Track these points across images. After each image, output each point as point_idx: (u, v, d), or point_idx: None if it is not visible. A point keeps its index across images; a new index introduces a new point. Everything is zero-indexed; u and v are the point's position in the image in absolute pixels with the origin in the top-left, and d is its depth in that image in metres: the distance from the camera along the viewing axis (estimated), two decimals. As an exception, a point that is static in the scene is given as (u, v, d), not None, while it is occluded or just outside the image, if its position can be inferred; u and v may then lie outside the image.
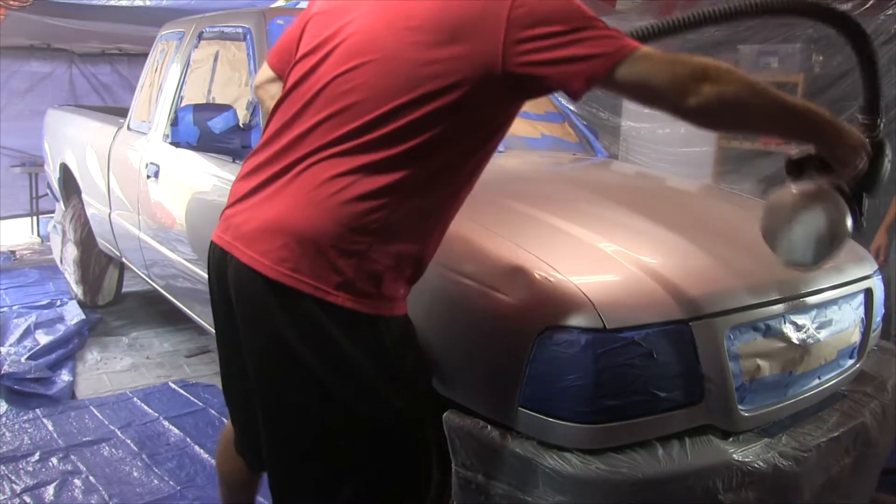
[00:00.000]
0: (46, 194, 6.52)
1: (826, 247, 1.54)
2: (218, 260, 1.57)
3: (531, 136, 3.02)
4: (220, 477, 2.04)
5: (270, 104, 1.67)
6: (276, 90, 1.69)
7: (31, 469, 2.94)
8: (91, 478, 2.89)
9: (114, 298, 5.05)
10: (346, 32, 1.48)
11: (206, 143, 2.68)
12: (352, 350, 1.44)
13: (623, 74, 1.32)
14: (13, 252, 6.63)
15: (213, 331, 1.79)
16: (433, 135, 1.39)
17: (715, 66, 1.31)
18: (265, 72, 1.80)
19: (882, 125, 1.55)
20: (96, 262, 4.85)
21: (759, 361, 1.80)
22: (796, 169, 1.54)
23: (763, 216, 1.62)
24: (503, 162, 2.73)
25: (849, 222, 1.52)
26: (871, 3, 4.20)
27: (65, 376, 3.84)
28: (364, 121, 1.40)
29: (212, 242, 1.59)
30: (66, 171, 4.98)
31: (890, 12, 4.23)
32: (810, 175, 1.52)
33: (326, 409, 1.49)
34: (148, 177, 3.48)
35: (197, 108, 2.71)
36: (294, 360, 1.45)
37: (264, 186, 1.48)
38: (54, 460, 3.01)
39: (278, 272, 1.41)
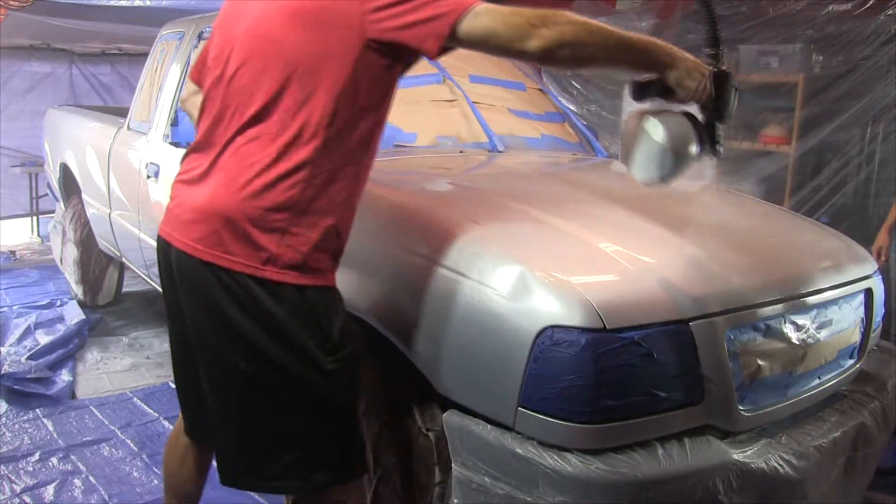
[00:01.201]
0: (46, 194, 6.52)
1: (670, 163, 1.64)
2: (163, 250, 1.73)
3: (531, 137, 3.02)
4: (166, 476, 2.09)
5: (196, 115, 1.80)
6: (199, 101, 1.79)
7: (31, 469, 2.94)
8: (91, 478, 2.89)
9: (114, 298, 5.05)
10: (240, 30, 1.64)
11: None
12: (285, 318, 1.56)
13: (467, 29, 1.45)
14: (13, 252, 6.63)
15: None
16: (324, 111, 1.52)
17: (552, 12, 1.44)
18: (188, 86, 1.95)
19: (724, 55, 1.68)
20: (96, 263, 4.85)
21: (760, 361, 1.80)
22: (640, 92, 1.64)
23: (620, 140, 1.78)
24: (503, 162, 2.73)
25: (693, 142, 1.63)
26: (870, 3, 4.20)
27: (65, 376, 3.83)
28: (259, 107, 1.55)
29: (158, 236, 1.74)
30: (66, 171, 4.98)
31: (890, 12, 4.23)
32: (653, 98, 1.64)
33: (266, 376, 1.61)
34: (148, 177, 3.48)
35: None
36: (234, 331, 1.58)
37: (196, 181, 1.64)
38: (54, 460, 3.01)
39: (212, 255, 1.56)
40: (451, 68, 2.94)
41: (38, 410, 3.46)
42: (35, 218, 7.48)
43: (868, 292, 2.19)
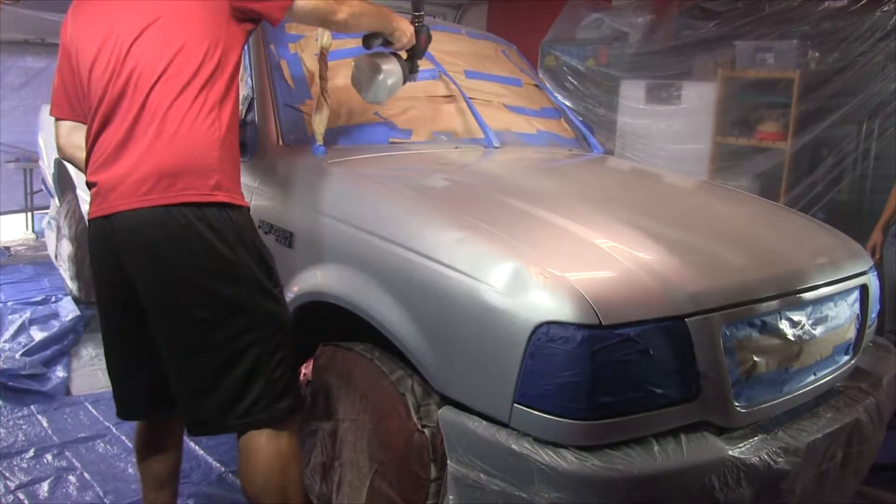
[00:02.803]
0: (41, 190, 6.50)
1: (386, 87, 2.40)
2: (98, 230, 1.87)
3: (527, 132, 3.01)
4: (142, 472, 2.18)
5: (81, 155, 1.98)
6: (79, 138, 1.99)
7: (25, 465, 2.93)
8: (86, 474, 2.88)
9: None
10: (126, 21, 1.87)
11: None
12: (232, 255, 1.79)
13: (301, 5, 1.97)
14: (8, 248, 6.61)
15: None
16: (205, 61, 1.84)
17: None
18: (61, 128, 2.08)
19: (423, 18, 2.41)
20: (91, 258, 4.83)
21: (755, 357, 1.80)
22: (369, 43, 2.31)
23: (352, 76, 2.45)
24: (499, 158, 2.72)
25: (398, 71, 2.40)
26: (866, -1, 4.22)
27: (59, 372, 3.83)
28: (161, 71, 1.81)
29: (90, 222, 1.90)
30: (60, 167, 4.96)
31: (886, 9, 4.24)
32: (376, 45, 2.33)
33: (223, 316, 1.79)
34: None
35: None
36: (184, 280, 1.77)
37: (113, 158, 1.82)
38: (49, 457, 3.01)
39: (164, 198, 1.76)
40: (447, 64, 2.94)
41: (32, 407, 3.45)
42: (30, 214, 7.45)
43: (863, 288, 2.19)
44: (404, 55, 2.43)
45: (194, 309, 1.78)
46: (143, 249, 1.78)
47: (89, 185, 1.88)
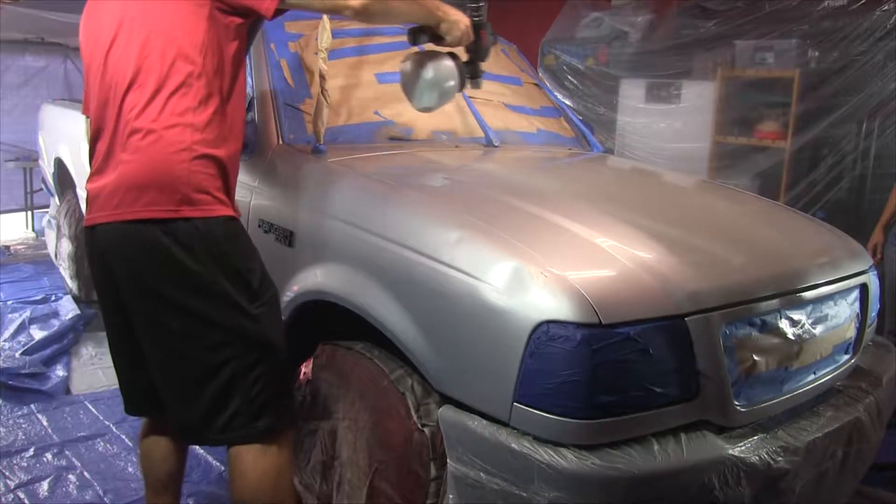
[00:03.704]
0: (41, 189, 6.50)
1: (436, 91, 2.13)
2: (88, 237, 1.85)
3: (527, 131, 3.01)
4: (146, 477, 2.15)
5: None
6: None
7: (25, 464, 2.93)
8: (86, 473, 2.88)
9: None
10: (105, 20, 1.82)
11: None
12: (198, 265, 1.72)
13: None
14: (8, 247, 6.61)
15: None
16: (186, 63, 1.74)
17: None
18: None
19: (483, 9, 2.12)
20: (91, 258, 4.83)
21: (755, 357, 1.80)
22: (415, 38, 2.04)
23: (400, 77, 2.18)
24: (499, 156, 2.72)
25: (454, 76, 2.11)
26: (867, -2, 4.22)
27: (59, 372, 3.83)
28: (132, 76, 1.74)
29: (84, 229, 1.87)
30: (60, 166, 4.96)
31: (885, 8, 4.24)
32: (424, 42, 2.05)
33: (196, 330, 1.75)
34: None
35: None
36: (159, 294, 1.73)
37: (102, 170, 1.79)
38: (49, 456, 3.01)
39: (131, 212, 1.71)
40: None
41: (32, 406, 3.45)
42: (30, 213, 7.45)
43: (863, 288, 2.19)
44: (465, 56, 2.15)
45: (171, 321, 1.75)
46: (121, 261, 1.77)
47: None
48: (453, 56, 2.12)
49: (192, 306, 1.73)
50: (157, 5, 1.76)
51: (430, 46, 2.11)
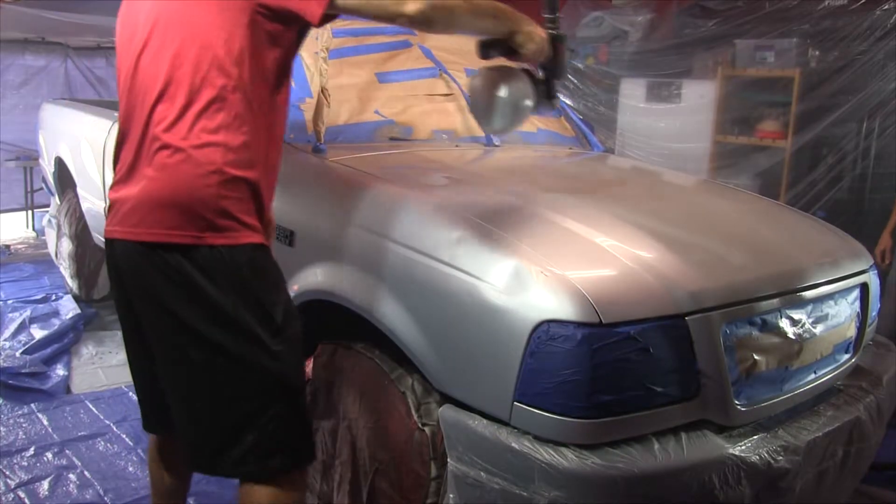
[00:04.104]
0: (41, 188, 6.50)
1: (510, 113, 1.86)
2: (107, 252, 1.75)
3: (527, 131, 3.01)
4: (150, 479, 2.11)
5: None
6: None
7: (25, 464, 2.93)
8: (86, 472, 2.88)
9: (109, 293, 5.02)
10: (140, 25, 1.69)
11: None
12: (219, 294, 1.60)
13: None
14: (8, 246, 6.61)
15: None
16: (228, 79, 1.59)
17: None
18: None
19: (559, 21, 1.87)
20: (91, 257, 4.84)
21: (756, 356, 1.80)
22: (486, 52, 1.80)
23: (469, 94, 1.96)
24: (499, 156, 2.72)
25: (529, 95, 1.85)
26: (867, -3, 4.22)
27: (60, 371, 3.83)
28: (163, 86, 1.60)
29: (104, 239, 1.75)
30: (61, 165, 4.96)
31: (886, 7, 4.24)
32: (496, 57, 1.81)
33: (215, 361, 1.64)
34: (143, 171, 3.47)
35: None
36: (179, 320, 1.62)
37: (126, 179, 1.67)
38: (49, 455, 3.01)
39: (151, 234, 1.60)
40: (447, 63, 2.93)
41: (32, 405, 3.45)
42: (30, 212, 7.45)
43: (864, 287, 2.19)
44: (539, 72, 1.88)
45: (188, 348, 1.64)
46: (139, 283, 1.66)
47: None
48: (528, 72, 1.87)
49: (212, 336, 1.62)
50: (193, 8, 1.60)
51: (499, 61, 1.88)
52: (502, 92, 1.83)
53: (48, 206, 5.89)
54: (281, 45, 1.66)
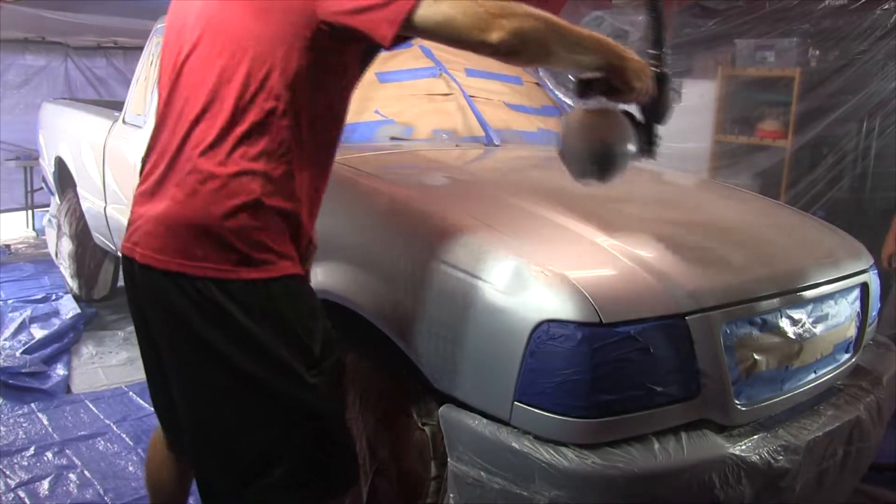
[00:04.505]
0: (42, 188, 6.50)
1: (608, 162, 1.63)
2: (125, 266, 1.62)
3: (527, 130, 3.01)
4: (150, 486, 2.01)
5: None
6: None
7: (25, 463, 2.93)
8: (86, 472, 2.88)
9: (109, 293, 5.03)
10: (189, 23, 1.54)
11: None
12: (259, 331, 1.47)
13: (424, 16, 1.34)
14: (8, 246, 6.61)
15: None
16: (278, 101, 1.44)
17: (511, 3, 1.36)
18: None
19: (666, 58, 1.65)
20: (92, 257, 4.84)
21: (756, 356, 1.80)
22: (585, 90, 1.59)
23: (559, 135, 1.72)
24: (499, 156, 2.72)
25: (631, 141, 1.63)
26: (867, -3, 4.22)
27: (60, 370, 3.83)
28: (207, 101, 1.46)
29: (121, 252, 1.62)
30: (61, 165, 4.96)
31: (886, 7, 4.23)
32: (596, 97, 1.59)
33: (244, 391, 1.51)
34: (143, 170, 3.46)
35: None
36: (207, 346, 1.48)
37: (153, 191, 1.54)
38: (49, 455, 3.01)
39: (177, 263, 1.46)
40: (447, 62, 2.93)
41: (32, 405, 3.45)
42: (30, 212, 7.46)
43: (864, 286, 2.19)
44: (638, 114, 1.67)
45: (216, 376, 1.52)
46: (161, 307, 1.53)
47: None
48: (629, 115, 1.66)
49: (242, 364, 1.48)
50: (247, 16, 1.45)
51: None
52: (602, 138, 1.61)
53: (48, 205, 5.89)
54: (344, 69, 1.52)
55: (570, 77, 1.61)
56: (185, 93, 1.50)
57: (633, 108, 1.66)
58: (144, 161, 1.62)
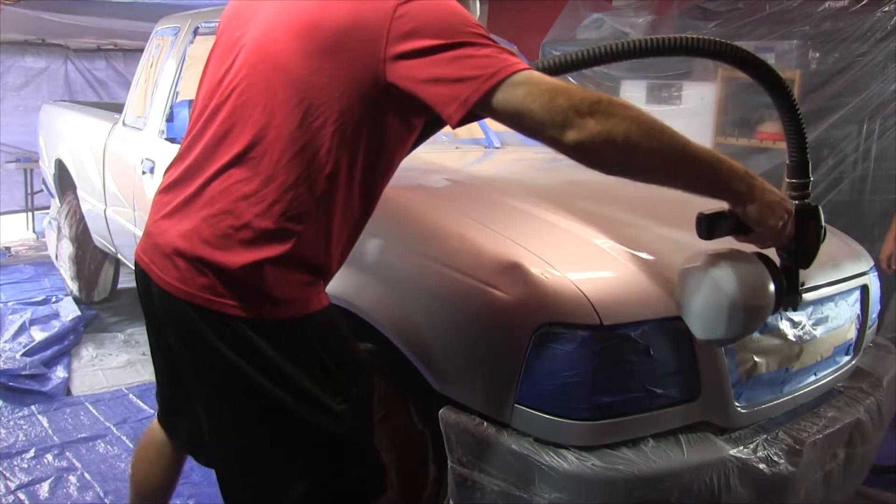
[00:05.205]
0: (42, 190, 6.51)
1: (741, 319, 1.39)
2: (141, 277, 1.57)
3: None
4: (135, 480, 1.98)
5: None
6: None
7: (26, 466, 2.93)
8: (86, 474, 2.88)
9: (109, 295, 5.04)
10: (246, 38, 1.43)
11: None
12: (285, 362, 1.42)
13: (500, 100, 1.22)
14: (8, 248, 6.61)
15: None
16: (328, 155, 1.34)
17: (608, 100, 1.21)
18: None
19: (811, 187, 1.44)
20: (92, 259, 4.84)
21: (756, 358, 1.80)
22: (710, 228, 1.37)
23: (678, 285, 1.50)
24: (500, 158, 2.72)
25: (770, 293, 1.38)
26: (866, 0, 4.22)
27: (60, 373, 3.82)
28: (252, 140, 1.36)
29: (136, 262, 1.57)
30: (61, 167, 4.97)
31: (886, 9, 4.24)
32: (721, 235, 1.38)
33: (270, 416, 1.47)
34: (143, 173, 3.47)
35: (192, 103, 2.70)
36: (232, 372, 1.43)
37: (178, 209, 1.46)
38: (49, 457, 3.00)
39: (202, 298, 1.40)
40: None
41: (33, 407, 3.45)
42: (30, 214, 7.46)
43: (864, 289, 2.19)
44: (775, 257, 1.43)
45: (241, 399, 1.48)
46: (186, 332, 1.48)
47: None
48: (764, 258, 1.41)
49: (269, 391, 1.43)
50: (313, 55, 1.32)
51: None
52: (731, 289, 1.36)
53: (48, 207, 5.90)
54: (404, 134, 1.43)
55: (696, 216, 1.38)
56: (233, 119, 1.40)
57: (770, 251, 1.43)
58: (173, 162, 1.55)
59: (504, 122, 1.27)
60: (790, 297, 1.42)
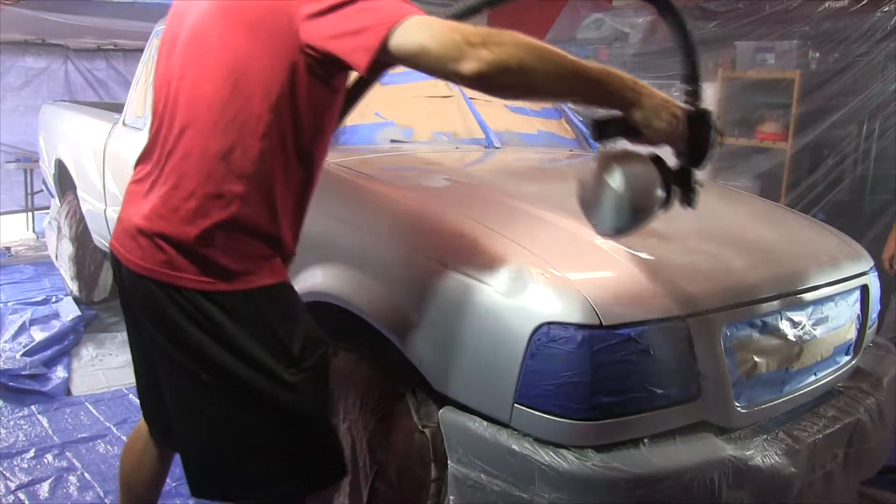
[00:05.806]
0: (42, 190, 6.51)
1: (629, 214, 1.48)
2: (115, 265, 1.69)
3: (527, 133, 3.01)
4: (124, 479, 2.02)
5: None
6: None
7: (26, 466, 2.93)
8: (86, 474, 2.88)
9: (109, 295, 5.02)
10: (182, 32, 1.58)
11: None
12: (238, 331, 1.53)
13: (399, 43, 1.32)
14: (8, 248, 6.61)
15: None
16: (259, 120, 1.45)
17: (497, 32, 1.30)
18: None
19: (701, 92, 1.56)
20: (92, 259, 4.84)
21: (756, 358, 1.80)
22: (600, 131, 1.46)
23: (578, 185, 1.58)
24: (499, 158, 2.72)
25: (656, 187, 1.47)
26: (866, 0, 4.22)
27: (60, 373, 3.83)
28: (192, 117, 1.50)
29: (110, 246, 1.69)
30: (61, 167, 4.96)
31: (886, 9, 4.24)
32: (614, 139, 1.47)
33: (228, 389, 1.57)
34: (143, 173, 3.47)
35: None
36: (192, 345, 1.54)
37: (141, 194, 1.59)
38: (49, 457, 3.00)
39: (160, 273, 1.52)
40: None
41: (33, 407, 3.45)
42: (30, 214, 7.45)
43: (864, 289, 2.19)
44: (669, 159, 1.52)
45: (198, 371, 1.56)
46: (150, 308, 1.59)
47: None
48: (656, 160, 1.50)
49: (225, 362, 1.53)
50: (237, 33, 1.46)
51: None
52: (616, 183, 1.44)
53: (48, 207, 5.89)
54: (330, 94, 1.52)
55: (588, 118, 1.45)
56: (176, 104, 1.54)
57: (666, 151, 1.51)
58: (139, 160, 1.68)
59: (407, 64, 1.36)
60: (683, 194, 1.55)
